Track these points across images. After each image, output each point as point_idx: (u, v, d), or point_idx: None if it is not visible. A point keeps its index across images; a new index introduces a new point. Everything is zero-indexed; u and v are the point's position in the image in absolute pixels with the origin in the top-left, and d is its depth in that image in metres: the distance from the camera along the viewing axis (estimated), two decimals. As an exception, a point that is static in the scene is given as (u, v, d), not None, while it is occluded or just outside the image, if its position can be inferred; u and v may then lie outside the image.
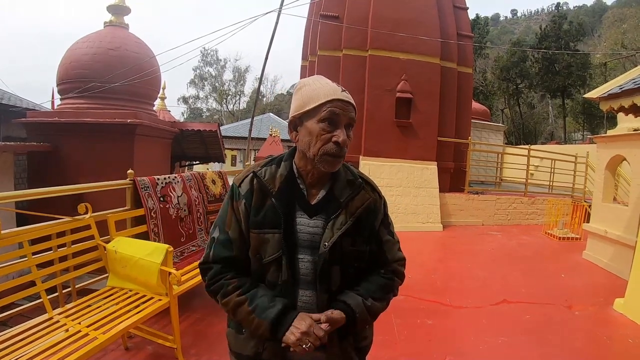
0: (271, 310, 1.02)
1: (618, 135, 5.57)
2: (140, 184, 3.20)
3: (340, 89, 1.06)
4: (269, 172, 1.12)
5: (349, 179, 1.13)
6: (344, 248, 1.08)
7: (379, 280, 1.16)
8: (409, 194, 7.74)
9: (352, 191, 1.11)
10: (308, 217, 1.10)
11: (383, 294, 1.15)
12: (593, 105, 22.63)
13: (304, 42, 10.46)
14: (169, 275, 2.45)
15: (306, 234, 1.09)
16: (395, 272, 1.20)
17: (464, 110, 9.17)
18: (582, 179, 10.02)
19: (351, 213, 1.08)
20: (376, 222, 1.16)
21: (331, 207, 1.09)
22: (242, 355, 1.14)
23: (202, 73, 44.24)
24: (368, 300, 1.10)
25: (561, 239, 7.06)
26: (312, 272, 1.09)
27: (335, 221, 1.07)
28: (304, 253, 1.09)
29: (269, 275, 1.09)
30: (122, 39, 6.93)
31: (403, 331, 3.22)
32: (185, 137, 8.49)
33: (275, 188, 1.09)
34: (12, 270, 2.24)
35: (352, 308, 1.07)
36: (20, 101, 9.85)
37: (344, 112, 1.04)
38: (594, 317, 3.74)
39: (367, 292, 1.12)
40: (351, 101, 1.07)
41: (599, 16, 50.76)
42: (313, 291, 1.09)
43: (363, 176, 1.19)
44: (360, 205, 1.10)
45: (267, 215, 1.08)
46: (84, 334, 2.07)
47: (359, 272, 1.15)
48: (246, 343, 1.12)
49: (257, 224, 1.08)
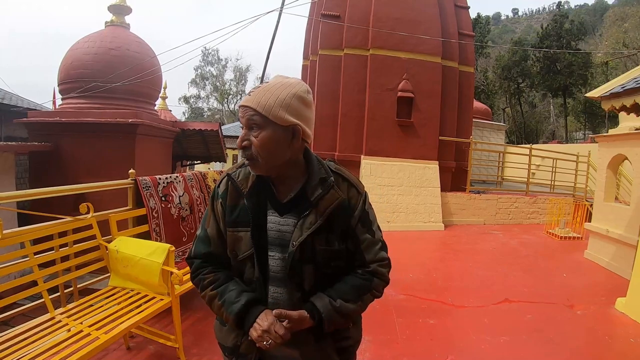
0: (235, 305, 1.07)
1: (620, 135, 5.55)
2: (141, 184, 3.20)
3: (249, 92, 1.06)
4: (242, 172, 1.15)
5: (321, 177, 1.10)
6: (316, 247, 1.08)
7: (353, 280, 1.14)
8: (410, 193, 7.74)
9: (323, 190, 1.09)
10: (279, 216, 1.10)
11: (356, 295, 1.12)
12: (594, 104, 22.58)
13: (305, 42, 10.45)
14: (170, 275, 2.45)
15: (276, 232, 1.10)
16: (374, 272, 1.16)
17: (465, 110, 9.15)
18: (583, 178, 10.00)
19: (321, 212, 1.07)
20: (352, 220, 1.12)
21: (302, 206, 1.09)
22: (224, 347, 1.19)
23: (203, 72, 44.28)
24: (337, 301, 1.08)
25: (563, 238, 7.04)
26: (282, 270, 1.09)
27: (305, 220, 1.07)
28: (274, 250, 1.10)
29: (245, 272, 1.13)
30: (123, 39, 6.94)
31: (405, 330, 3.21)
32: (186, 136, 8.51)
33: (247, 188, 1.12)
34: (14, 270, 2.25)
35: (317, 308, 1.06)
36: (21, 101, 9.88)
37: (241, 116, 1.05)
38: (595, 317, 3.73)
39: (337, 292, 1.10)
40: (246, 103, 1.03)
41: (600, 15, 50.67)
42: (284, 288, 1.11)
43: (341, 172, 1.16)
44: (329, 205, 1.08)
45: (240, 214, 1.11)
46: (86, 333, 2.07)
47: (337, 271, 1.14)
48: (228, 335, 1.17)
49: (231, 222, 1.13)
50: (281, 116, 1.02)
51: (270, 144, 1.03)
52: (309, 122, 1.09)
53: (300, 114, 1.05)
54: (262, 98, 1.02)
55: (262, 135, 1.03)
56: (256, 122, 1.02)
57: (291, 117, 1.03)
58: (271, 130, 1.02)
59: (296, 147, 1.08)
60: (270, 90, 1.03)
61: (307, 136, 1.08)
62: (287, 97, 1.02)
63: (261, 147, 1.03)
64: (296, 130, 1.05)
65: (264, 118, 1.02)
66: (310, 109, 1.09)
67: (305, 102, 1.06)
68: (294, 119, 1.04)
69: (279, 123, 1.02)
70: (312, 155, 1.15)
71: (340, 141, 8.33)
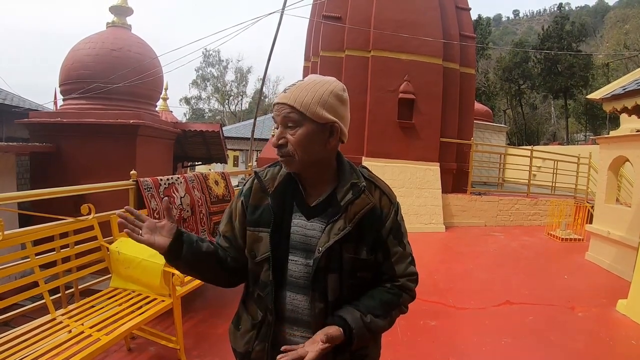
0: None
1: (621, 136, 5.55)
2: (143, 185, 3.20)
3: (284, 90, 1.04)
4: (270, 172, 1.13)
5: (352, 182, 1.06)
6: (344, 255, 1.03)
7: (382, 295, 1.09)
8: (411, 194, 7.73)
9: (353, 194, 1.04)
10: (305, 219, 1.07)
11: (385, 311, 1.07)
12: (595, 106, 22.57)
13: (307, 43, 10.48)
14: (172, 277, 2.44)
15: (301, 236, 1.06)
16: (403, 287, 1.11)
17: (467, 111, 9.16)
18: (584, 180, 10.00)
19: (350, 218, 1.02)
20: (383, 230, 1.07)
21: (331, 210, 1.05)
22: (236, 352, 1.16)
23: (204, 74, 44.40)
24: (367, 317, 1.03)
25: (564, 240, 7.04)
26: (304, 276, 1.05)
27: (334, 225, 1.02)
28: (297, 255, 1.06)
29: (262, 275, 1.08)
30: (124, 40, 6.95)
31: (406, 332, 3.21)
32: (187, 137, 8.50)
33: (273, 188, 1.09)
34: (15, 271, 2.25)
35: (349, 324, 1.00)
36: (22, 102, 9.90)
37: (277, 114, 1.03)
38: (596, 319, 3.73)
39: (366, 307, 1.04)
40: (282, 100, 1.01)
41: (601, 17, 50.67)
42: (305, 296, 1.05)
43: (373, 179, 1.13)
44: (359, 210, 1.03)
45: (263, 214, 1.08)
46: (87, 335, 2.07)
47: (363, 283, 1.08)
48: (240, 340, 1.14)
49: (253, 222, 1.09)
50: (319, 113, 0.99)
51: (308, 141, 1.00)
52: (345, 120, 1.06)
53: (337, 112, 1.03)
54: (299, 95, 1.00)
55: (300, 133, 1.00)
56: (293, 119, 1.00)
57: (329, 114, 1.01)
58: (309, 128, 1.00)
59: (332, 146, 1.05)
60: (307, 88, 1.01)
61: (343, 135, 1.06)
62: (324, 94, 1.00)
63: (298, 144, 1.00)
64: (334, 128, 1.03)
65: (301, 115, 0.99)
66: (346, 107, 1.07)
67: (342, 100, 1.04)
68: (332, 117, 1.01)
69: (316, 120, 1.00)
70: (345, 160, 1.12)
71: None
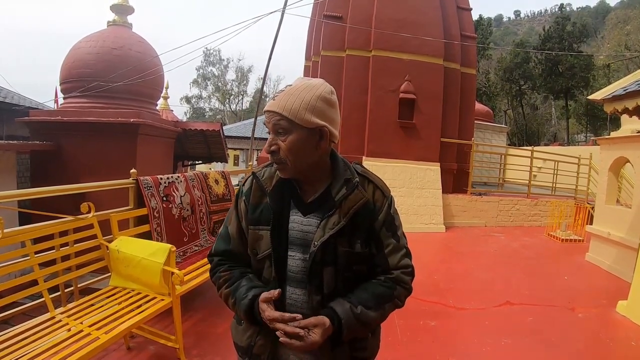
0: (244, 301, 1.07)
1: (621, 137, 5.55)
2: (143, 184, 3.20)
3: (273, 97, 1.05)
4: (267, 171, 1.16)
5: (346, 178, 1.10)
6: (338, 249, 1.06)
7: (375, 288, 1.10)
8: (411, 194, 7.73)
9: (347, 190, 1.08)
10: (302, 216, 1.10)
11: (377, 303, 1.08)
12: (596, 106, 22.57)
13: (307, 43, 10.47)
14: (171, 275, 2.44)
15: (298, 232, 1.09)
16: (397, 280, 1.12)
17: (467, 111, 9.14)
18: (585, 180, 9.99)
19: (344, 213, 1.06)
20: (375, 223, 1.10)
21: (326, 206, 1.08)
22: (239, 346, 1.19)
23: (205, 73, 44.41)
24: (357, 308, 1.04)
25: (564, 240, 7.03)
26: (302, 271, 1.08)
27: (328, 220, 1.06)
28: (295, 251, 1.09)
29: (264, 271, 1.13)
30: (125, 39, 6.94)
31: (406, 332, 3.21)
32: (188, 136, 8.49)
33: (271, 186, 1.12)
34: (14, 269, 2.24)
35: (337, 314, 1.02)
36: (23, 100, 9.89)
37: (267, 121, 1.05)
38: (597, 320, 3.73)
39: (358, 299, 1.06)
40: (271, 108, 1.03)
41: (602, 17, 50.65)
42: (303, 290, 1.09)
43: (367, 174, 1.15)
44: (353, 205, 1.07)
45: (263, 213, 1.12)
46: (86, 333, 2.07)
47: (359, 276, 1.11)
48: (242, 334, 1.16)
49: (253, 220, 1.13)
50: (308, 119, 1.02)
51: (298, 147, 1.03)
52: (334, 122, 1.08)
53: (326, 115, 1.05)
54: (287, 102, 1.02)
55: (290, 139, 1.03)
56: (283, 126, 1.02)
57: (317, 119, 1.03)
58: (298, 134, 1.03)
59: (323, 149, 1.07)
60: (295, 94, 1.02)
61: (333, 137, 1.08)
62: (312, 100, 1.02)
63: (289, 151, 1.03)
64: (323, 132, 1.05)
65: (290, 122, 1.02)
66: (335, 109, 1.08)
67: (329, 103, 1.06)
68: (320, 121, 1.03)
69: (305, 126, 1.02)
70: (338, 157, 1.15)
71: (342, 142, 8.31)
